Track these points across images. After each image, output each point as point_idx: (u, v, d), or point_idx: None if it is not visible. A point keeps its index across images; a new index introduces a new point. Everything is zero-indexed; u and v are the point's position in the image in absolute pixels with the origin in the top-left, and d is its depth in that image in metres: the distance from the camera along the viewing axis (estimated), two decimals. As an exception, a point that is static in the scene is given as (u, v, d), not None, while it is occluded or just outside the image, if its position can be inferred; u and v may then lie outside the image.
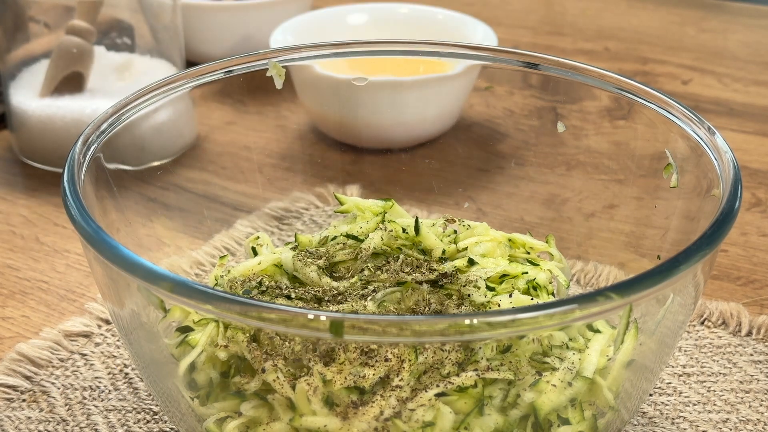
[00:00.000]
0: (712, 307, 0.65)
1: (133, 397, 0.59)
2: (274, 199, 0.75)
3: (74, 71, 0.81)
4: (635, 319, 0.48)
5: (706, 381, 0.60)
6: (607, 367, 0.50)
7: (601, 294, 0.42)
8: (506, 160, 0.71)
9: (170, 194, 0.66)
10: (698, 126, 0.55)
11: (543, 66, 0.63)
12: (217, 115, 0.72)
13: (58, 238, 0.74)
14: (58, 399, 0.59)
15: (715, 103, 0.94)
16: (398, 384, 0.47)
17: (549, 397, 0.48)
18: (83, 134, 0.55)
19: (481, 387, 0.48)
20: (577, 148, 0.66)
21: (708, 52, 1.06)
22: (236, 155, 0.74)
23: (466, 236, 0.61)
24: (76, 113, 0.80)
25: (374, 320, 0.41)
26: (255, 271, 0.58)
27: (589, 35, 1.11)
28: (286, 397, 0.48)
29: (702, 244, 0.46)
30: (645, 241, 0.61)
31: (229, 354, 0.50)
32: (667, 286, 0.44)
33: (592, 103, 0.64)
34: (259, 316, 0.41)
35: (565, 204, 0.67)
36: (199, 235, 0.69)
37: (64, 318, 0.65)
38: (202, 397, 0.51)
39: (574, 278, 0.66)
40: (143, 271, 0.44)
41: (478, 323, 0.41)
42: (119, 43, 0.86)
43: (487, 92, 0.70)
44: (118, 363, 0.61)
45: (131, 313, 0.49)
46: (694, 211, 0.56)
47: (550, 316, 0.41)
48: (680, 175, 0.57)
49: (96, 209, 0.53)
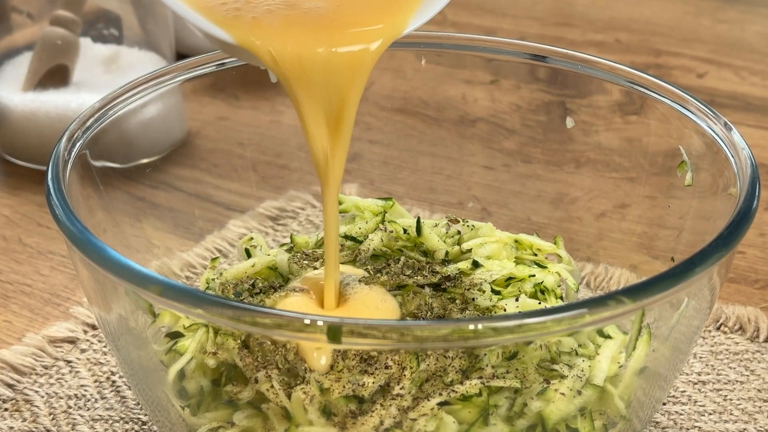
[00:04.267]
0: (728, 312, 0.65)
1: (121, 407, 0.59)
2: (269, 198, 0.75)
3: (59, 64, 0.81)
4: (648, 324, 0.48)
5: (723, 389, 0.60)
6: (619, 375, 0.50)
7: (612, 298, 0.42)
8: (512, 157, 0.71)
9: (160, 193, 0.66)
10: (714, 121, 0.55)
11: (551, 58, 0.63)
12: (209, 110, 0.72)
13: (41, 239, 0.74)
14: (41, 408, 0.59)
15: (731, 98, 0.94)
16: (399, 392, 0.47)
17: (557, 406, 0.48)
18: (68, 130, 0.55)
19: (486, 395, 0.48)
20: (586, 144, 0.66)
21: (724, 43, 1.06)
22: (229, 152, 0.74)
23: (471, 237, 0.61)
24: (61, 108, 0.80)
25: (374, 325, 0.41)
26: (248, 273, 0.58)
27: (600, 26, 1.11)
28: (282, 407, 0.48)
29: (718, 245, 0.46)
30: (658, 242, 0.61)
31: (219, 361, 0.50)
32: (681, 289, 0.44)
33: (602, 98, 0.64)
34: (253, 321, 0.41)
35: (575, 203, 0.67)
36: (190, 236, 0.69)
37: (48, 323, 0.65)
38: (193, 407, 0.51)
39: (583, 281, 0.66)
40: (131, 274, 0.44)
41: (483, 329, 0.41)
42: (106, 34, 0.86)
43: (492, 86, 0.70)
44: (104, 370, 0.61)
45: (119, 317, 0.49)
46: (709, 210, 0.56)
47: (559, 321, 0.41)
48: (695, 173, 0.57)
49: (82, 209, 0.53)
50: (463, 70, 0.70)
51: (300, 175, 0.75)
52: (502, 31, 1.09)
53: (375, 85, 0.72)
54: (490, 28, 1.09)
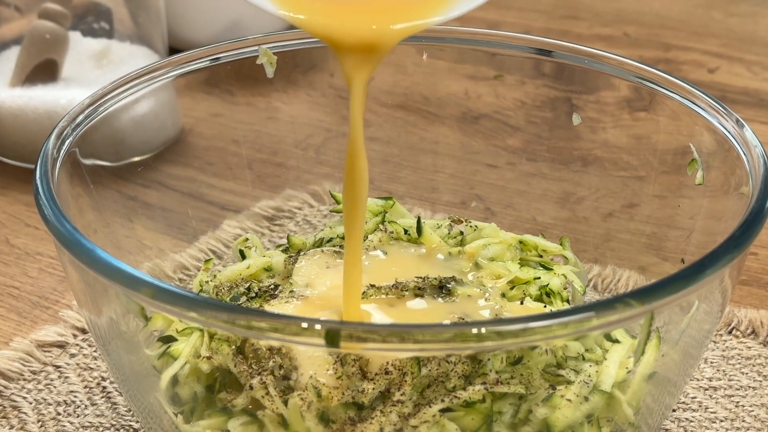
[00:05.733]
0: (740, 315, 0.65)
1: (112, 413, 0.59)
2: (265, 197, 0.75)
3: (47, 59, 0.81)
4: (657, 328, 0.48)
5: (735, 395, 0.60)
6: (627, 381, 0.50)
7: (620, 301, 0.42)
8: (517, 155, 0.71)
9: (152, 192, 0.66)
10: (725, 118, 0.55)
11: (557, 53, 0.63)
12: (203, 107, 0.72)
13: (30, 240, 0.74)
14: (30, 415, 0.59)
15: (743, 94, 0.94)
16: (400, 399, 0.47)
17: (563, 412, 0.49)
18: (57, 127, 0.55)
19: (490, 402, 0.48)
20: (593, 142, 0.66)
21: (736, 37, 1.06)
22: (224, 150, 0.74)
23: (474, 238, 0.61)
24: (50, 104, 0.80)
25: (374, 329, 0.41)
26: (243, 275, 0.58)
27: (607, 19, 1.11)
28: (278, 414, 0.48)
29: (730, 246, 0.46)
30: (668, 243, 0.61)
31: (213, 366, 0.50)
32: (691, 292, 0.44)
33: (610, 94, 0.64)
34: (248, 325, 0.41)
35: (581, 203, 0.67)
36: (183, 236, 0.69)
37: (37, 327, 0.65)
38: (187, 413, 0.51)
39: (590, 284, 0.66)
40: (122, 276, 0.44)
41: (486, 332, 0.41)
42: (96, 28, 0.86)
43: (496, 81, 0.70)
44: (95, 376, 0.61)
45: (109, 321, 0.49)
46: (720, 210, 0.56)
47: (565, 324, 0.41)
48: (706, 171, 0.57)
49: (71, 209, 0.53)
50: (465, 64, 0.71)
51: (297, 174, 0.75)
52: (506, 25, 1.09)
53: (375, 81, 0.72)
54: (493, 22, 1.09)
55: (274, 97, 0.74)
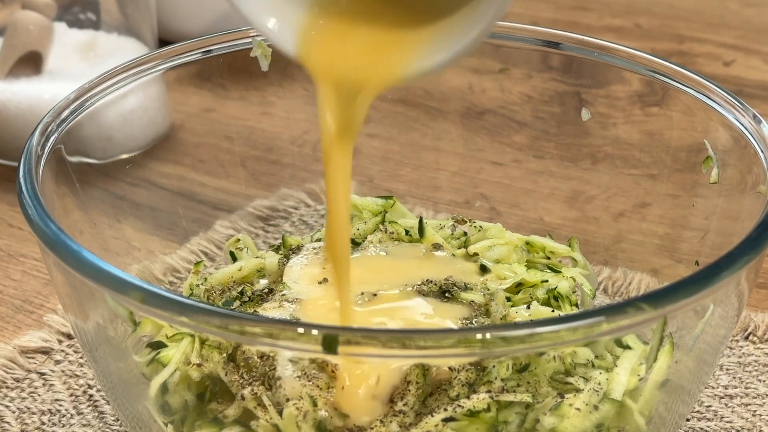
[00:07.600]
0: (757, 320, 0.65)
1: (99, 422, 0.59)
2: (259, 196, 0.75)
3: (31, 51, 0.81)
4: (670, 333, 0.48)
5: (751, 404, 0.60)
6: (639, 388, 0.50)
7: (632, 305, 0.42)
8: (523, 152, 0.71)
9: (141, 191, 0.66)
10: (742, 113, 0.55)
11: (565, 45, 0.63)
12: (194, 101, 0.72)
13: (12, 241, 0.74)
14: (13, 424, 0.59)
15: (761, 88, 0.94)
16: (401, 408, 0.47)
17: (572, 422, 0.49)
18: (42, 123, 0.55)
19: (495, 411, 0.48)
20: (604, 138, 0.66)
21: (753, 29, 1.06)
22: (216, 147, 0.74)
23: (478, 239, 0.61)
24: (34, 99, 0.80)
25: (373, 334, 0.41)
26: (235, 278, 0.58)
27: (618, 10, 1.11)
28: (273, 424, 0.48)
29: (746, 247, 0.46)
30: (681, 244, 0.61)
31: (203, 374, 0.50)
32: (706, 295, 0.44)
33: (621, 88, 0.64)
34: (242, 330, 0.41)
35: (591, 202, 0.67)
36: (174, 237, 0.69)
37: (20, 332, 0.65)
38: (177, 423, 0.51)
39: (600, 287, 0.66)
40: (110, 279, 0.44)
41: (491, 338, 0.41)
42: (83, 18, 0.86)
43: (501, 75, 0.70)
44: (81, 383, 0.61)
45: (96, 326, 0.49)
46: (737, 210, 0.56)
47: (574, 330, 0.41)
48: (721, 169, 0.57)
49: (56, 208, 0.53)
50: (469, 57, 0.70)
51: (293, 172, 0.75)
52: (512, 16, 1.09)
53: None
54: (499, 12, 1.09)
55: (268, 91, 0.74)
